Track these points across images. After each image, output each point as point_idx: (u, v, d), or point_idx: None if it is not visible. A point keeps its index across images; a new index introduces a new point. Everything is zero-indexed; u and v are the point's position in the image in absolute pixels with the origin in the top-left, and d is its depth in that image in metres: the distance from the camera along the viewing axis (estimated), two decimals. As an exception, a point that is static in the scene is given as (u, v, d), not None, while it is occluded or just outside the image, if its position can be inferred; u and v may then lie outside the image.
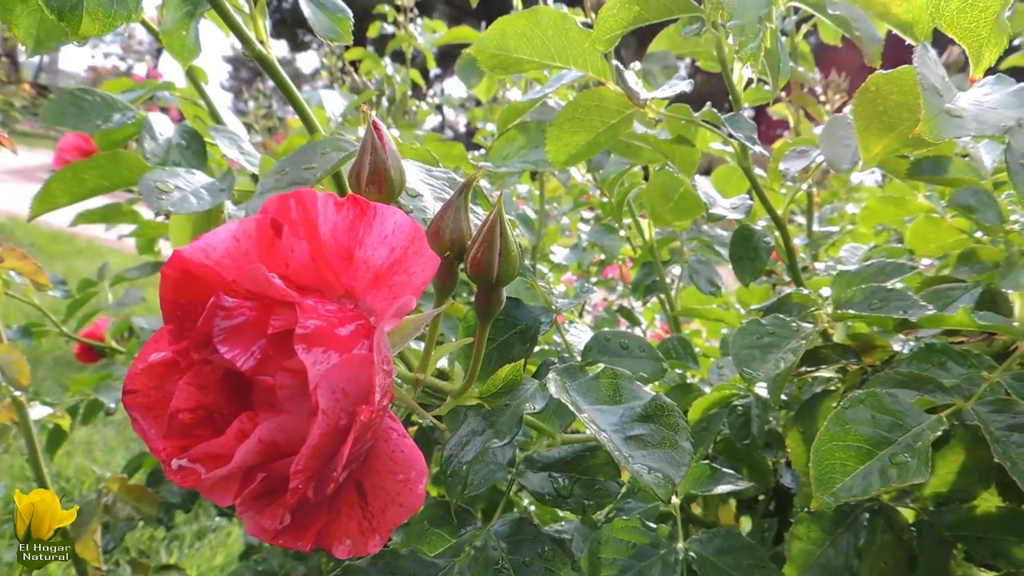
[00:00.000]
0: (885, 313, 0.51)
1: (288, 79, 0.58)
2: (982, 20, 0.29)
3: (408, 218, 0.30)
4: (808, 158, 0.58)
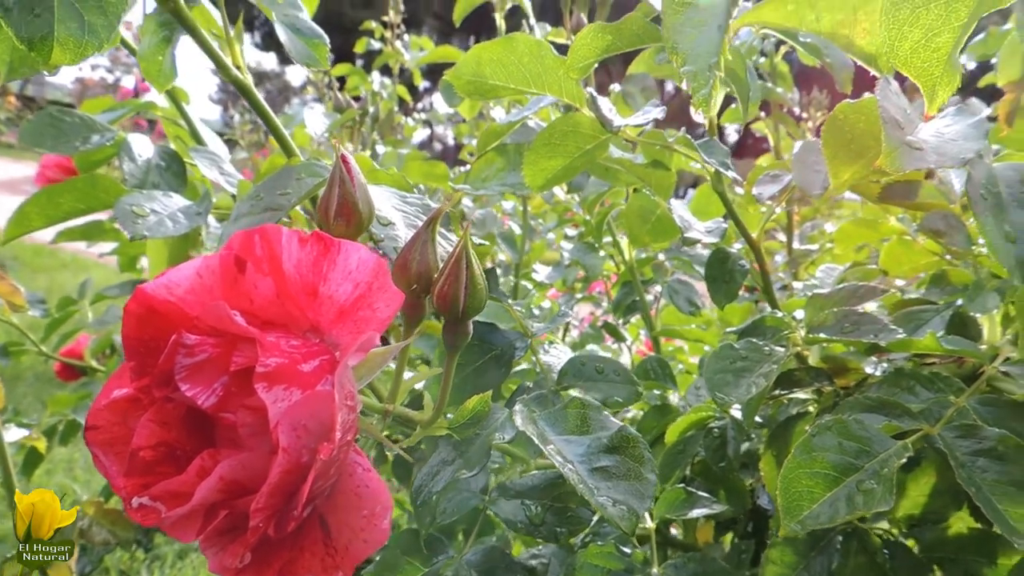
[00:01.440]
0: (856, 337, 0.52)
1: (264, 103, 0.58)
2: (935, 60, 0.29)
3: (372, 254, 0.30)
4: (781, 183, 0.59)
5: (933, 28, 0.29)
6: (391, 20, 2.28)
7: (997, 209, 0.39)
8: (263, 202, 0.52)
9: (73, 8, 0.40)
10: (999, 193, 0.40)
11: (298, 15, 0.57)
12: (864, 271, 0.71)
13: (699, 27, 0.25)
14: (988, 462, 0.41)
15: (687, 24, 0.25)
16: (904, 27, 0.29)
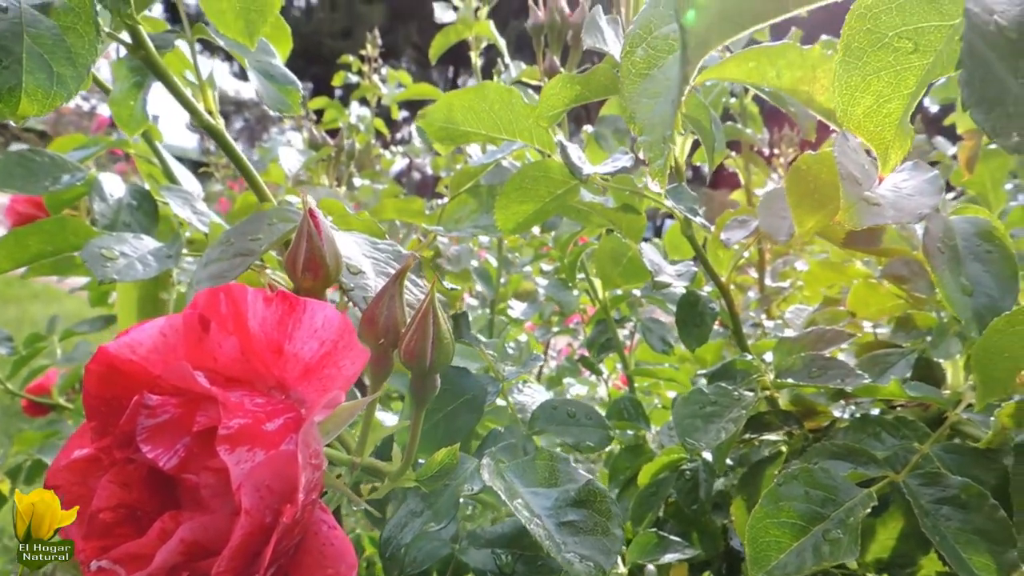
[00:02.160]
0: (823, 382, 0.52)
1: (236, 147, 0.58)
2: (887, 125, 0.30)
3: (338, 313, 0.30)
4: (748, 228, 0.60)
5: (883, 95, 0.30)
6: (369, 54, 2.29)
7: (953, 262, 0.40)
8: (234, 247, 0.52)
9: (41, 59, 0.40)
10: (955, 246, 0.41)
11: (271, 61, 0.58)
12: (833, 313, 0.72)
13: (655, 98, 0.25)
14: (952, 510, 0.41)
15: (643, 95, 0.26)
16: (856, 93, 0.30)
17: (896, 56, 0.29)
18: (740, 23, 0.23)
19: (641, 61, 0.26)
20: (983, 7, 0.21)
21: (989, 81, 0.21)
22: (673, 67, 0.25)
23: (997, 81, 0.21)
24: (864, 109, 0.31)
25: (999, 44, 0.21)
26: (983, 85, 0.21)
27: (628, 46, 0.26)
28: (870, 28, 0.29)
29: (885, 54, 0.29)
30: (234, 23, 0.47)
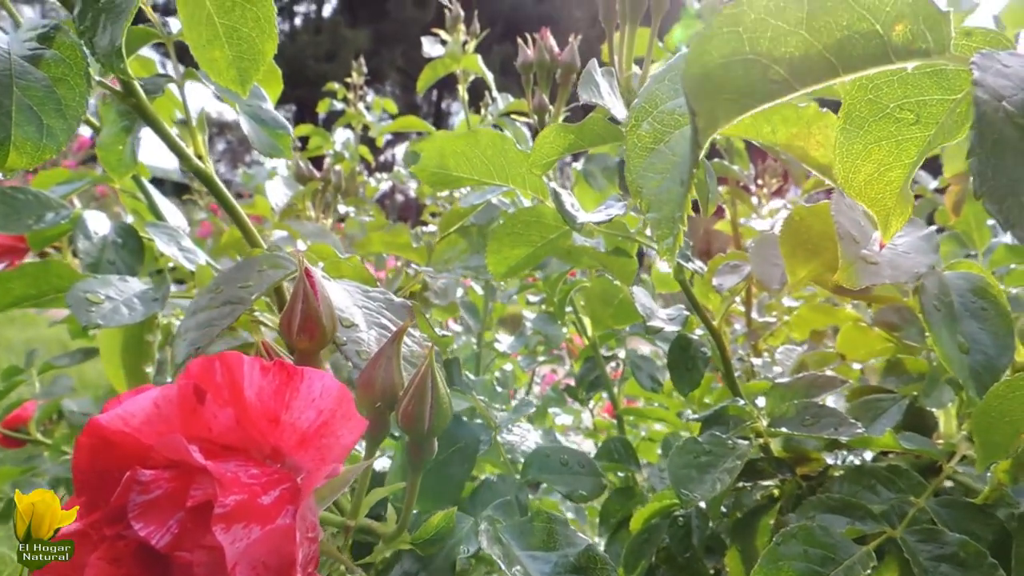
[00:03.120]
0: (816, 431, 0.52)
1: (226, 192, 0.57)
2: (888, 192, 0.30)
3: (336, 382, 0.30)
4: (740, 274, 0.60)
5: (885, 163, 0.30)
6: (354, 82, 2.30)
7: (950, 320, 0.40)
8: (223, 295, 0.51)
9: (31, 112, 0.39)
10: (951, 303, 0.41)
11: (261, 105, 0.57)
12: (823, 355, 0.72)
13: (662, 174, 0.25)
14: (951, 568, 0.41)
15: (649, 170, 0.25)
16: (857, 161, 0.30)
17: (898, 127, 0.29)
18: (749, 104, 0.23)
19: (647, 135, 0.26)
20: (992, 94, 0.21)
21: (1001, 170, 0.21)
22: (681, 143, 0.25)
23: (1008, 170, 0.21)
24: (865, 176, 0.31)
25: (1009, 132, 0.21)
26: (995, 175, 0.21)
27: (633, 119, 0.26)
28: (872, 99, 0.29)
29: (887, 124, 0.29)
30: (226, 72, 0.46)
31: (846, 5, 0.22)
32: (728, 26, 0.22)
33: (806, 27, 0.22)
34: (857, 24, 0.23)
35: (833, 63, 0.24)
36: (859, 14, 0.23)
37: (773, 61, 0.23)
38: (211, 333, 0.49)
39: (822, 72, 0.24)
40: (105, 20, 0.37)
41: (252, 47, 0.46)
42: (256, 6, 0.45)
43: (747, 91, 0.23)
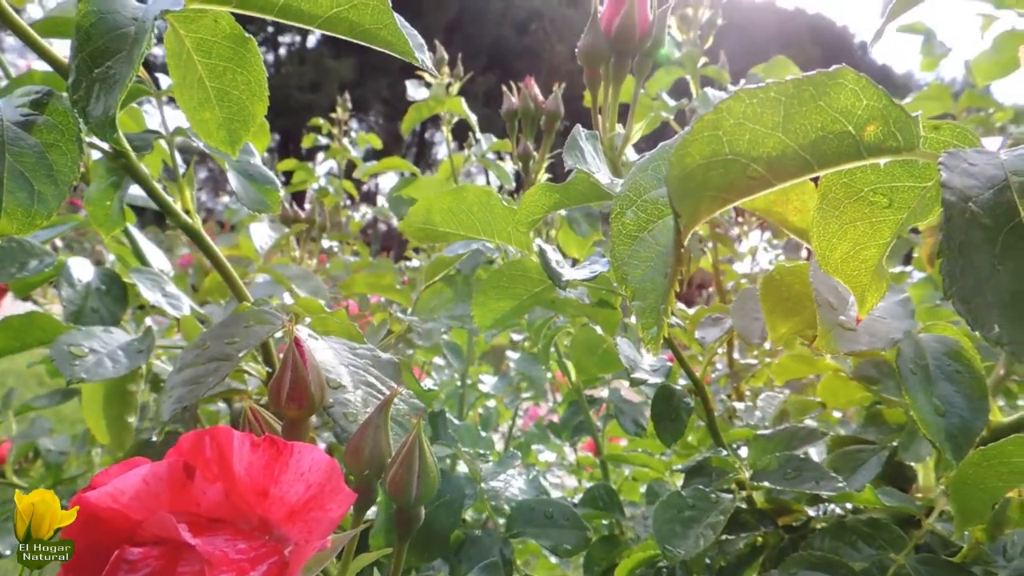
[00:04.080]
0: (798, 486, 0.53)
1: (214, 246, 0.58)
2: (863, 270, 0.31)
3: (325, 456, 0.30)
4: (723, 327, 0.61)
5: (860, 243, 0.31)
6: (338, 117, 2.31)
7: (926, 383, 0.41)
8: (209, 351, 0.51)
9: (23, 178, 0.39)
10: (927, 366, 0.42)
11: (250, 160, 0.58)
12: (804, 403, 0.73)
13: (646, 263, 0.26)
14: (930, 628, 0.41)
15: (634, 258, 0.26)
16: (834, 239, 0.31)
17: (872, 209, 0.30)
18: (730, 199, 0.24)
19: (631, 223, 0.27)
20: (959, 195, 0.23)
21: (968, 271, 0.22)
22: (664, 233, 0.26)
23: (976, 270, 0.22)
24: (842, 255, 0.32)
25: (976, 233, 0.22)
26: (963, 275, 0.22)
27: (618, 208, 0.27)
28: (847, 182, 0.30)
29: (861, 206, 0.30)
30: (216, 133, 0.47)
31: (820, 109, 0.23)
32: (708, 130, 0.23)
33: (782, 130, 0.23)
34: (831, 126, 0.24)
35: (809, 160, 0.25)
36: (832, 117, 0.24)
37: (752, 160, 0.24)
38: (197, 391, 0.49)
39: (798, 168, 0.25)
40: (99, 90, 0.38)
41: (242, 109, 0.47)
42: (247, 70, 0.46)
43: (727, 188, 0.24)
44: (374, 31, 0.40)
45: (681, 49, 1.14)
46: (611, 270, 0.27)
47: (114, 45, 0.38)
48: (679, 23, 1.13)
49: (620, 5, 0.52)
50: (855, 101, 0.24)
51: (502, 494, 0.66)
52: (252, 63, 0.46)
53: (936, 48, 1.45)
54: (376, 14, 0.40)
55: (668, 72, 1.13)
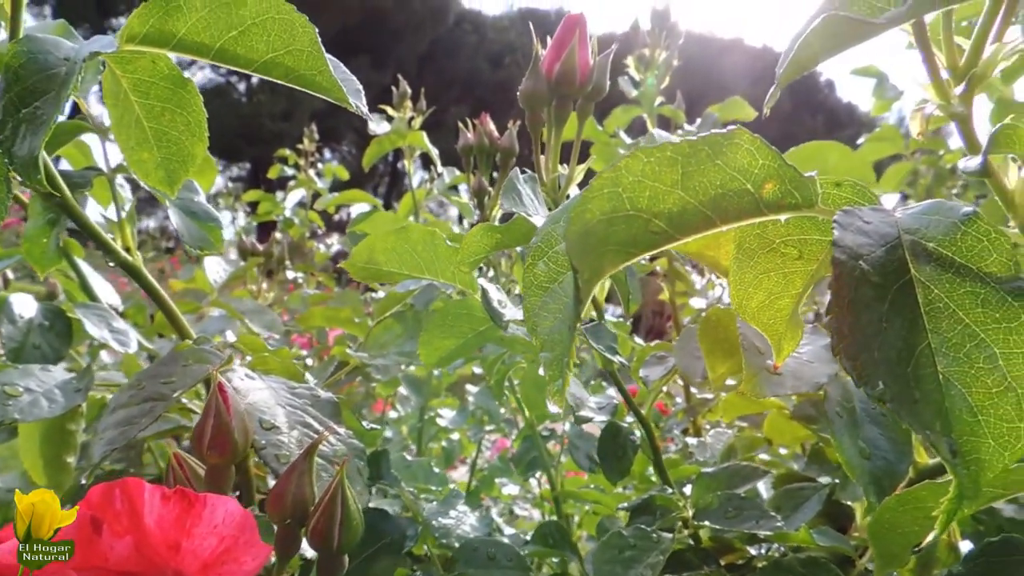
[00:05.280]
0: (738, 524, 0.53)
1: (156, 284, 0.57)
2: (779, 318, 0.32)
3: (239, 508, 0.30)
4: (666, 365, 0.62)
5: (774, 292, 0.32)
6: (305, 148, 2.31)
7: (851, 426, 0.42)
8: (144, 391, 0.50)
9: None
10: (853, 408, 0.43)
11: (193, 198, 0.58)
12: (751, 439, 0.74)
13: (555, 315, 0.26)
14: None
15: (544, 309, 0.27)
16: (749, 289, 0.32)
17: (783, 260, 0.31)
18: (634, 253, 0.25)
19: (543, 275, 0.27)
20: (849, 253, 0.23)
21: (856, 328, 0.22)
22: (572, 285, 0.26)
23: (863, 327, 0.22)
24: (757, 303, 0.32)
25: (864, 291, 0.23)
26: (851, 332, 0.22)
27: (531, 258, 0.28)
28: (759, 233, 0.31)
29: (774, 257, 0.31)
30: (155, 173, 0.47)
31: (718, 168, 0.24)
32: (608, 187, 0.23)
33: (681, 187, 0.24)
34: (730, 184, 0.25)
35: (711, 216, 0.25)
36: (731, 175, 0.24)
37: (653, 216, 0.24)
38: (129, 433, 0.48)
39: (701, 224, 0.25)
40: (26, 131, 0.37)
41: (181, 150, 0.47)
42: (186, 111, 0.46)
43: (630, 242, 0.25)
44: (309, 76, 0.41)
45: (639, 88, 1.16)
46: (524, 319, 0.28)
47: (43, 86, 0.38)
48: (636, 63, 1.15)
49: (561, 50, 0.53)
50: (751, 160, 0.24)
51: (453, 531, 0.65)
52: (191, 104, 0.46)
53: (888, 91, 1.49)
54: (311, 60, 0.40)
55: (626, 111, 1.15)
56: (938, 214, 0.25)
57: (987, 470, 0.23)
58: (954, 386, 0.23)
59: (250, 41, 0.40)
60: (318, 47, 0.40)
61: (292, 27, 0.40)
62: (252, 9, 0.39)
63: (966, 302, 0.23)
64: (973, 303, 0.23)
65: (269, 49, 0.40)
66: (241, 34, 0.40)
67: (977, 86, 0.27)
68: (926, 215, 0.25)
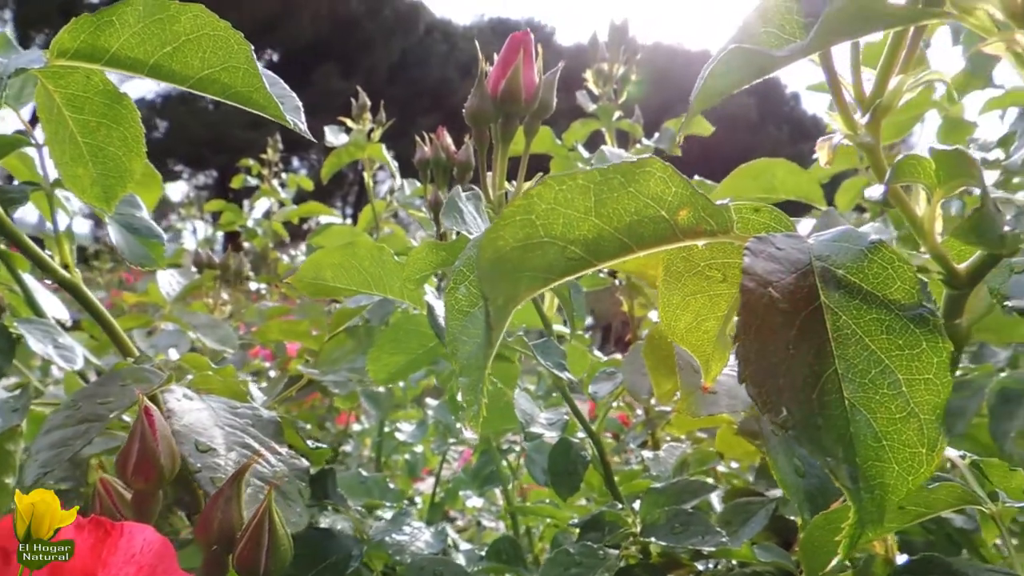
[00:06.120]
0: (684, 540, 0.53)
1: (97, 302, 0.56)
2: (706, 340, 0.32)
3: (158, 536, 0.29)
4: (615, 381, 0.62)
5: (701, 314, 0.32)
6: (269, 158, 2.29)
7: (786, 444, 0.42)
8: (80, 412, 0.49)
9: None
10: (789, 426, 0.43)
11: (135, 213, 0.57)
12: (704, 453, 0.74)
13: (474, 340, 0.26)
14: None
15: (463, 333, 0.27)
16: (677, 311, 0.32)
17: (708, 283, 0.31)
18: (551, 279, 0.25)
19: (463, 299, 0.27)
20: (758, 280, 0.24)
21: (763, 355, 0.23)
22: (489, 311, 0.26)
23: (770, 355, 0.23)
24: (685, 325, 0.33)
25: (773, 318, 0.23)
26: (757, 359, 0.23)
27: (452, 282, 0.28)
28: (685, 256, 0.31)
29: (699, 280, 0.31)
30: (90, 189, 0.46)
31: (631, 195, 0.24)
32: (521, 215, 0.23)
33: (595, 214, 0.24)
34: (644, 211, 0.25)
35: (627, 243, 0.25)
36: (644, 202, 0.25)
37: (569, 243, 0.24)
38: (63, 456, 0.47)
39: (618, 250, 0.25)
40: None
41: (118, 165, 0.46)
42: (122, 126, 0.45)
43: (547, 268, 0.25)
44: (246, 93, 0.40)
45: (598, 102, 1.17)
46: (446, 343, 0.28)
47: (-32, 103, 0.37)
48: (595, 77, 1.16)
49: (506, 68, 0.53)
50: (665, 188, 0.25)
51: (407, 548, 0.65)
52: (128, 119, 0.46)
53: (842, 105, 1.52)
54: (247, 77, 0.40)
55: (584, 124, 1.15)
56: (847, 241, 0.25)
57: (892, 494, 0.23)
58: (860, 412, 0.23)
59: (185, 57, 0.40)
60: (253, 64, 0.39)
61: (227, 44, 0.39)
62: (186, 26, 0.39)
63: (872, 328, 0.24)
64: (879, 330, 0.24)
65: (204, 66, 0.40)
66: (176, 50, 0.40)
67: (883, 117, 0.28)
68: (836, 242, 0.25)
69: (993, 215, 0.23)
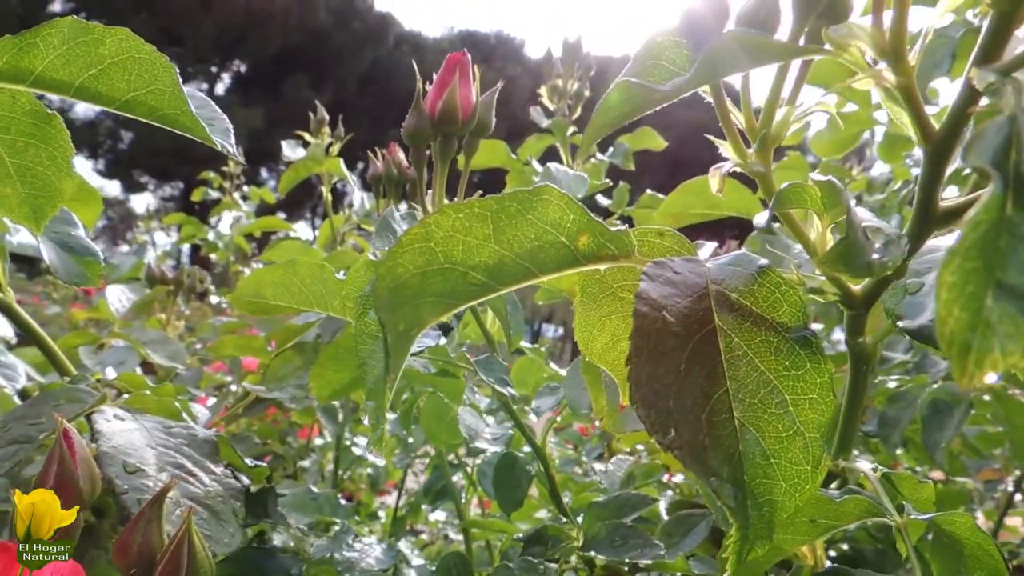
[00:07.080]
0: (623, 553, 0.54)
1: (31, 320, 0.55)
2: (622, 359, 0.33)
3: (71, 564, 0.29)
4: (557, 396, 0.62)
5: (616, 335, 0.33)
6: (230, 170, 2.28)
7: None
8: (10, 433, 0.49)
9: None
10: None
11: (70, 231, 0.56)
12: (650, 466, 0.75)
13: (380, 365, 0.27)
14: None
15: (373, 358, 0.27)
16: (594, 331, 0.33)
17: (622, 304, 0.32)
18: (455, 304, 0.25)
19: (373, 324, 0.28)
20: (652, 305, 0.24)
21: (654, 378, 0.23)
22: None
23: (660, 377, 0.23)
24: (602, 345, 0.33)
25: (665, 341, 0.24)
26: (648, 381, 0.23)
27: (361, 307, 0.28)
28: (600, 279, 0.32)
29: (614, 301, 0.32)
30: (19, 209, 0.46)
31: (530, 222, 0.25)
32: (419, 242, 0.24)
33: (495, 241, 0.25)
34: (544, 237, 0.25)
35: (530, 268, 0.26)
36: (544, 229, 0.25)
37: (470, 268, 0.25)
38: (-9, 477, 0.46)
39: (520, 275, 0.26)
40: None
41: (47, 185, 0.46)
42: (51, 146, 0.45)
43: (450, 294, 0.25)
44: (172, 116, 0.40)
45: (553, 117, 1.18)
46: (358, 365, 0.28)
47: None
48: (549, 93, 1.17)
49: (443, 89, 0.54)
50: (563, 215, 0.25)
51: (357, 565, 0.64)
52: (57, 139, 0.45)
53: (796, 120, 1.55)
54: (172, 100, 0.40)
55: (539, 139, 1.17)
56: (740, 265, 0.26)
57: (780, 510, 0.24)
58: (749, 431, 0.24)
59: (111, 80, 0.40)
60: (178, 87, 0.39)
61: (153, 67, 0.39)
62: (111, 49, 0.39)
63: (762, 350, 0.24)
64: (767, 351, 0.24)
65: (130, 88, 0.40)
66: (101, 72, 0.40)
67: (773, 146, 0.29)
68: (731, 266, 0.26)
69: (860, 243, 0.24)
